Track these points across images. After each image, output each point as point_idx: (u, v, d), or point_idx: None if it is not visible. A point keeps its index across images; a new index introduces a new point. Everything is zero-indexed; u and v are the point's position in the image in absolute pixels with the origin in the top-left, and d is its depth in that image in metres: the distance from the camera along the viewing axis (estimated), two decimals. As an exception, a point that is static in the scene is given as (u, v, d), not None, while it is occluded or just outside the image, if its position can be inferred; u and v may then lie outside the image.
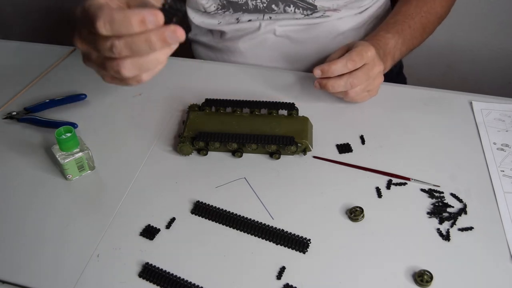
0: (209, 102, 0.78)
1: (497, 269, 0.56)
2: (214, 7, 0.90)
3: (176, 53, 0.52)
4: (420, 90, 0.85)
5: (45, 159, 0.73)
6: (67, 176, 0.69)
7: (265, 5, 0.87)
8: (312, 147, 0.72)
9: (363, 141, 0.74)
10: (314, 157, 0.72)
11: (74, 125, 0.78)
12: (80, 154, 0.68)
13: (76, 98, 0.84)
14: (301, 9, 0.87)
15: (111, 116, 0.82)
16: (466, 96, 0.83)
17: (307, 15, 0.88)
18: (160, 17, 0.43)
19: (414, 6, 0.86)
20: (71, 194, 0.68)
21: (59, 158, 0.67)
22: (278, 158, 0.71)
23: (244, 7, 0.88)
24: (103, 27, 0.44)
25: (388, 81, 0.80)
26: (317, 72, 0.74)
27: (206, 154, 0.72)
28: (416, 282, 0.55)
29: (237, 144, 0.71)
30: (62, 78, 0.91)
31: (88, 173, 0.71)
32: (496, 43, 1.42)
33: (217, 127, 0.73)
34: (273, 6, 0.87)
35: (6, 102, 0.85)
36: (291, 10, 0.87)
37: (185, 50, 1.04)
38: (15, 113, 0.81)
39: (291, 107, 0.77)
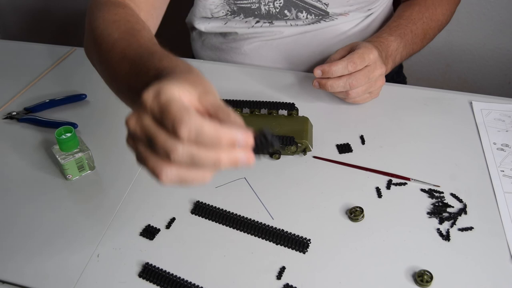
0: (209, 102, 0.78)
1: (497, 269, 0.56)
2: (223, 12, 0.89)
3: (176, 54, 0.52)
4: (420, 90, 0.85)
5: (45, 159, 0.73)
6: (67, 176, 0.69)
7: (277, 10, 0.87)
8: (312, 147, 0.72)
9: (363, 141, 0.74)
10: (314, 157, 0.72)
11: (74, 125, 0.78)
12: (80, 154, 0.68)
13: (76, 98, 0.84)
14: (313, 15, 0.87)
15: (111, 116, 0.81)
16: (466, 96, 0.83)
17: (317, 21, 0.88)
18: (250, 143, 0.38)
19: (416, 11, 0.87)
20: (71, 194, 0.68)
21: (59, 158, 0.67)
22: (278, 158, 0.71)
23: (256, 12, 0.88)
24: (186, 134, 0.37)
25: (388, 81, 0.80)
26: (317, 72, 0.74)
27: (206, 154, 0.72)
28: (416, 282, 0.55)
29: (237, 144, 0.71)
30: (62, 78, 0.91)
31: (88, 173, 0.71)
32: (496, 43, 1.42)
33: (217, 127, 0.73)
34: (286, 11, 0.87)
35: (6, 102, 0.85)
36: (303, 16, 0.87)
37: (185, 50, 1.04)
38: (15, 113, 0.81)
39: (291, 107, 0.77)
